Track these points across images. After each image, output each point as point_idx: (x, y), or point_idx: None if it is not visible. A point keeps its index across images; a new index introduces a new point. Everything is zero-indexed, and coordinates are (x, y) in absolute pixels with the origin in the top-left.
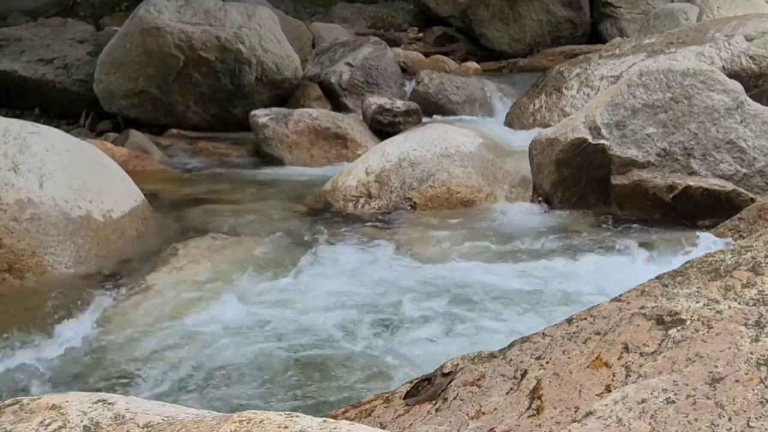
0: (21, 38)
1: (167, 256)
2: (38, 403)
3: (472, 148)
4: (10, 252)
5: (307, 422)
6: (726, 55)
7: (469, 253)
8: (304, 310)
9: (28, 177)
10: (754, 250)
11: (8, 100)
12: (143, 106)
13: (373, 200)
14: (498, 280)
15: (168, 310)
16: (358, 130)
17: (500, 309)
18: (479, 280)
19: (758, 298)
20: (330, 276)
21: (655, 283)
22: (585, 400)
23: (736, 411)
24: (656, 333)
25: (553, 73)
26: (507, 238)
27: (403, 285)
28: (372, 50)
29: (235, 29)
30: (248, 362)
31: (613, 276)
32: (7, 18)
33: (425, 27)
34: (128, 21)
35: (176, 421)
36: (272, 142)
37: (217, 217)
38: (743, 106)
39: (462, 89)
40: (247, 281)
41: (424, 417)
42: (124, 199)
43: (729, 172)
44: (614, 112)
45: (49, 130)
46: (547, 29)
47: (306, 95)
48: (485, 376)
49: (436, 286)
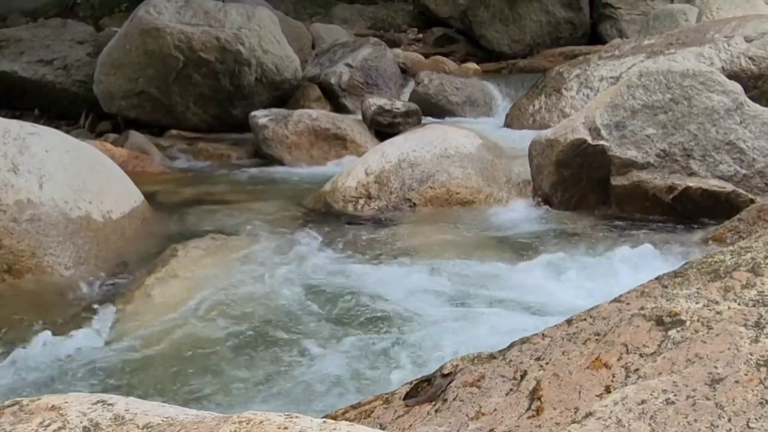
0: (21, 39)
1: (167, 257)
2: (37, 404)
3: (472, 149)
4: (10, 253)
5: (307, 423)
6: (725, 56)
7: (469, 253)
8: (304, 311)
9: (28, 178)
10: (753, 251)
11: (8, 100)
12: (143, 106)
13: (373, 201)
14: (497, 280)
15: (167, 311)
16: (358, 131)
17: (500, 309)
18: (479, 281)
19: (758, 299)
20: (329, 276)
21: (655, 284)
22: (585, 401)
23: (735, 412)
24: (656, 334)
25: (552, 74)
26: (507, 239)
27: (402, 285)
28: (372, 51)
29: (235, 30)
30: (248, 362)
31: (612, 276)
32: (7, 19)
33: (425, 28)
34: (128, 22)
35: (176, 421)
36: (272, 143)
37: (217, 218)
38: (743, 107)
39: (462, 90)
40: (247, 282)
41: (423, 418)
42: (124, 199)
43: (728, 173)
44: (614, 113)
45: (48, 130)
46: (546, 30)
47: (306, 96)
48: (485, 376)
49: (435, 286)
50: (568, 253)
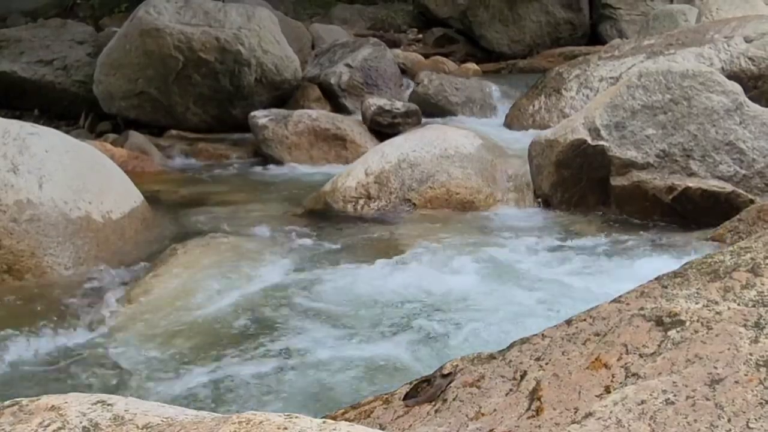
0: (21, 39)
1: (166, 257)
2: (37, 404)
3: (472, 150)
4: (10, 253)
5: (307, 423)
6: (725, 57)
7: (468, 254)
8: (303, 311)
9: (28, 178)
10: (753, 252)
11: (8, 101)
12: (143, 107)
13: (373, 201)
14: (497, 280)
15: (167, 311)
16: (358, 131)
17: (499, 310)
18: (478, 281)
19: (757, 299)
20: (329, 277)
21: (655, 284)
22: (584, 401)
23: (735, 412)
24: (656, 334)
25: (552, 74)
26: (506, 239)
27: (402, 285)
28: (371, 51)
29: (235, 30)
30: (248, 362)
31: (612, 277)
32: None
33: (425, 28)
34: (128, 22)
35: (175, 422)
36: (272, 143)
37: (217, 218)
38: (742, 108)
39: (461, 90)
40: (247, 282)
41: (423, 418)
42: (124, 200)
43: (728, 174)
44: (613, 114)
45: (48, 131)
46: (546, 30)
47: (305, 96)
48: (485, 377)
49: (435, 287)
50: (567, 253)
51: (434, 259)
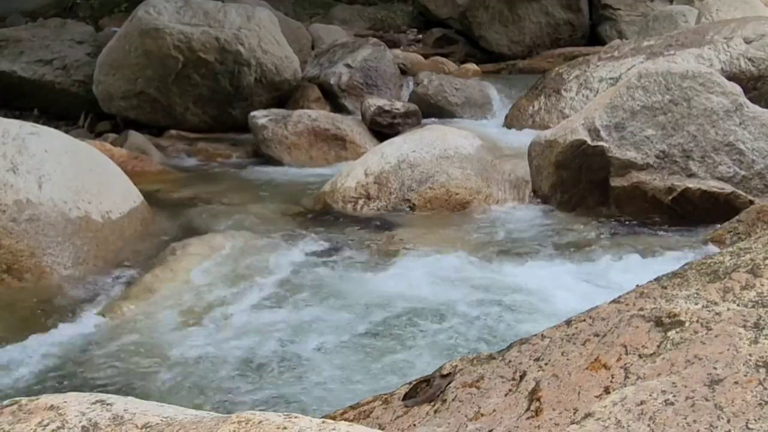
0: (20, 39)
1: (166, 257)
2: (36, 403)
3: (471, 150)
4: (9, 253)
5: (306, 423)
6: (725, 58)
7: (468, 254)
8: (303, 311)
9: (27, 178)
10: (752, 252)
11: (7, 100)
12: (142, 107)
13: (372, 202)
14: (496, 281)
15: (166, 311)
16: (357, 132)
17: (499, 310)
18: (478, 281)
19: (757, 300)
20: (328, 277)
21: (654, 285)
22: (584, 402)
23: (734, 413)
24: (655, 335)
25: (552, 75)
26: (505, 240)
27: (401, 286)
28: (371, 52)
29: (235, 30)
30: (247, 363)
31: (611, 277)
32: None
33: (424, 29)
34: (127, 22)
35: (175, 421)
36: (271, 144)
37: (216, 218)
38: (742, 109)
39: (461, 91)
40: (246, 282)
41: (422, 418)
42: (123, 200)
43: (728, 175)
44: (613, 114)
45: (48, 131)
46: (546, 31)
47: (305, 96)
48: (484, 377)
49: (435, 287)
50: (567, 254)
51: (433, 260)
